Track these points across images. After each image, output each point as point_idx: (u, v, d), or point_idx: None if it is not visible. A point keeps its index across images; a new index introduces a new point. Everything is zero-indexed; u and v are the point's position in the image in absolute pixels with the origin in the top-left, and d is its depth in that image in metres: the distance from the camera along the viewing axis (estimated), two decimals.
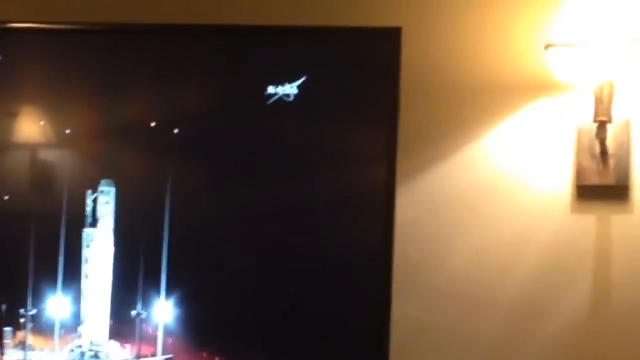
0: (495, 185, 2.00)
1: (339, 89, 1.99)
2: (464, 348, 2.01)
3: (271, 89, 1.98)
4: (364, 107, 1.99)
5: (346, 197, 2.00)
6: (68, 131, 2.00)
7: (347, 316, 1.97)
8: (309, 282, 1.98)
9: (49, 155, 2.02)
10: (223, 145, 2.00)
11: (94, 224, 1.99)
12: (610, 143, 1.95)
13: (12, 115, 2.00)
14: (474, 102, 2.01)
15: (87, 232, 1.99)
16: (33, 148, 2.01)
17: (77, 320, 2.00)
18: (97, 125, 2.01)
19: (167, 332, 1.98)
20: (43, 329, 1.99)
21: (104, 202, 1.98)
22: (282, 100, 1.97)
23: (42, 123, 2.01)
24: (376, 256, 1.97)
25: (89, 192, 1.99)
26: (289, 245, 1.99)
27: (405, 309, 1.99)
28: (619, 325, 1.96)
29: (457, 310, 2.01)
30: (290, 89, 1.97)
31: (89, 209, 1.99)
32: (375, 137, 1.99)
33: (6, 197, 1.99)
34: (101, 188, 1.98)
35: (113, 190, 1.98)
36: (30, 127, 2.01)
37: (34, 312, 1.98)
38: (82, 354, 1.99)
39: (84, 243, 1.99)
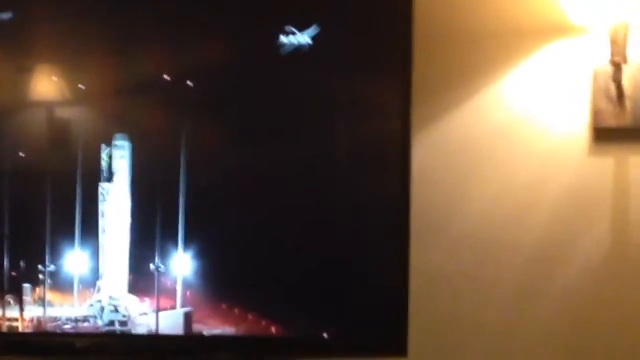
0: (511, 130, 2.00)
1: (351, 37, 1.97)
2: (482, 294, 2.01)
3: (283, 39, 1.96)
4: (377, 54, 1.97)
5: (361, 146, 1.98)
6: (81, 86, 1.99)
7: (366, 265, 1.97)
8: (327, 233, 1.97)
9: (62, 111, 2.01)
10: (237, 96, 1.99)
11: (109, 178, 1.98)
12: (626, 85, 1.94)
13: (25, 71, 1.99)
14: (487, 47, 2.00)
15: (103, 186, 1.99)
16: (47, 104, 2.00)
17: (95, 274, 2.00)
18: (110, 79, 2.00)
19: (186, 285, 1.98)
20: (61, 284, 1.99)
21: (119, 156, 1.98)
22: (296, 50, 1.96)
23: (55, 79, 2.00)
24: (393, 205, 1.96)
25: (103, 146, 1.98)
26: (306, 197, 1.98)
27: (423, 256, 1.99)
28: (637, 267, 1.96)
29: (475, 256, 2.01)
30: (302, 38, 1.96)
31: (104, 164, 1.98)
32: (389, 85, 1.97)
33: (21, 154, 1.99)
34: (115, 142, 1.98)
35: (127, 144, 1.98)
36: (44, 83, 2.00)
37: (52, 267, 1.98)
38: (102, 308, 1.99)
39: (100, 197, 1.99)
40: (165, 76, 1.98)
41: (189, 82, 1.97)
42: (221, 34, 2.00)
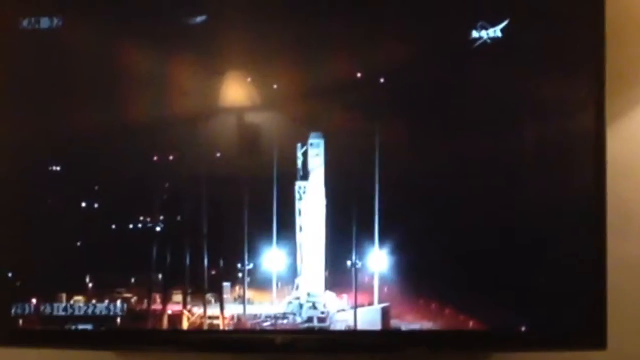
0: None
1: (542, 30, 1.97)
2: None
3: (475, 33, 1.97)
4: (568, 47, 1.97)
5: (556, 140, 1.98)
6: (275, 87, 2.02)
7: (562, 258, 1.96)
8: (521, 226, 1.97)
9: (257, 112, 2.04)
10: (429, 92, 2.00)
11: (304, 176, 2.01)
12: None
13: (219, 74, 2.03)
14: None
15: (299, 184, 2.01)
16: (241, 105, 2.03)
17: (292, 272, 2.02)
18: (303, 79, 2.02)
19: (382, 281, 1.99)
20: (260, 282, 2.02)
21: (314, 154, 2.00)
22: (486, 44, 1.97)
23: (248, 80, 2.03)
24: (588, 197, 1.95)
25: (299, 145, 2.01)
26: (499, 192, 1.98)
27: (620, 247, 1.98)
28: None
29: None
30: (493, 33, 1.97)
31: (299, 162, 2.01)
32: (582, 77, 1.97)
33: (218, 155, 2.02)
34: (310, 140, 2.00)
35: (322, 141, 2.00)
36: (237, 85, 2.03)
37: (250, 266, 2.01)
38: (300, 305, 2.01)
39: (296, 196, 2.01)
40: (357, 74, 2.00)
41: (380, 79, 1.99)
42: (412, 31, 2.01)
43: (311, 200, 2.01)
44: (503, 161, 1.99)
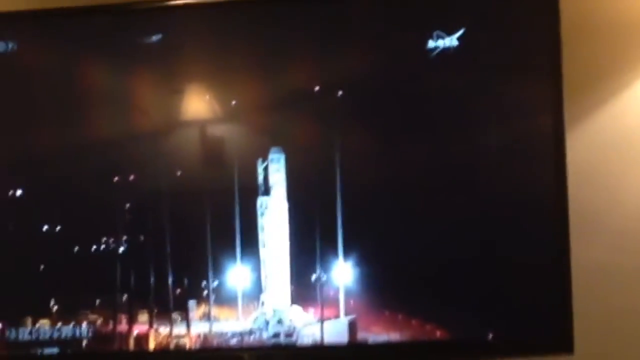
0: None
1: (499, 37, 1.98)
2: None
3: (431, 43, 1.97)
4: (525, 52, 1.98)
5: (516, 145, 1.98)
6: (234, 102, 2.01)
7: (527, 264, 1.96)
8: (486, 234, 1.97)
9: (217, 128, 2.03)
10: (387, 103, 2.00)
11: (266, 192, 2.00)
12: None
13: (178, 92, 2.02)
14: (638, 37, 1.98)
15: (261, 200, 2.01)
16: (200, 122, 2.03)
17: (257, 288, 2.02)
18: (262, 94, 2.02)
19: (348, 294, 1.99)
20: (225, 299, 2.01)
21: (275, 170, 2.00)
22: (444, 53, 1.97)
23: (207, 97, 2.02)
24: (551, 202, 1.96)
25: (259, 160, 2.00)
26: (463, 199, 1.98)
27: (584, 252, 1.97)
28: None
29: (638, 248, 1.98)
30: (450, 42, 1.97)
31: (260, 178, 2.00)
32: (540, 82, 1.97)
33: (179, 173, 2.02)
34: (271, 156, 2.00)
35: (283, 156, 1.99)
36: (196, 102, 2.03)
37: (215, 283, 2.01)
38: (266, 322, 2.01)
39: (259, 211, 2.01)
40: (315, 87, 1.99)
41: (339, 92, 1.99)
42: (369, 42, 2.01)
43: (274, 216, 2.00)
44: (465, 169, 1.99)
